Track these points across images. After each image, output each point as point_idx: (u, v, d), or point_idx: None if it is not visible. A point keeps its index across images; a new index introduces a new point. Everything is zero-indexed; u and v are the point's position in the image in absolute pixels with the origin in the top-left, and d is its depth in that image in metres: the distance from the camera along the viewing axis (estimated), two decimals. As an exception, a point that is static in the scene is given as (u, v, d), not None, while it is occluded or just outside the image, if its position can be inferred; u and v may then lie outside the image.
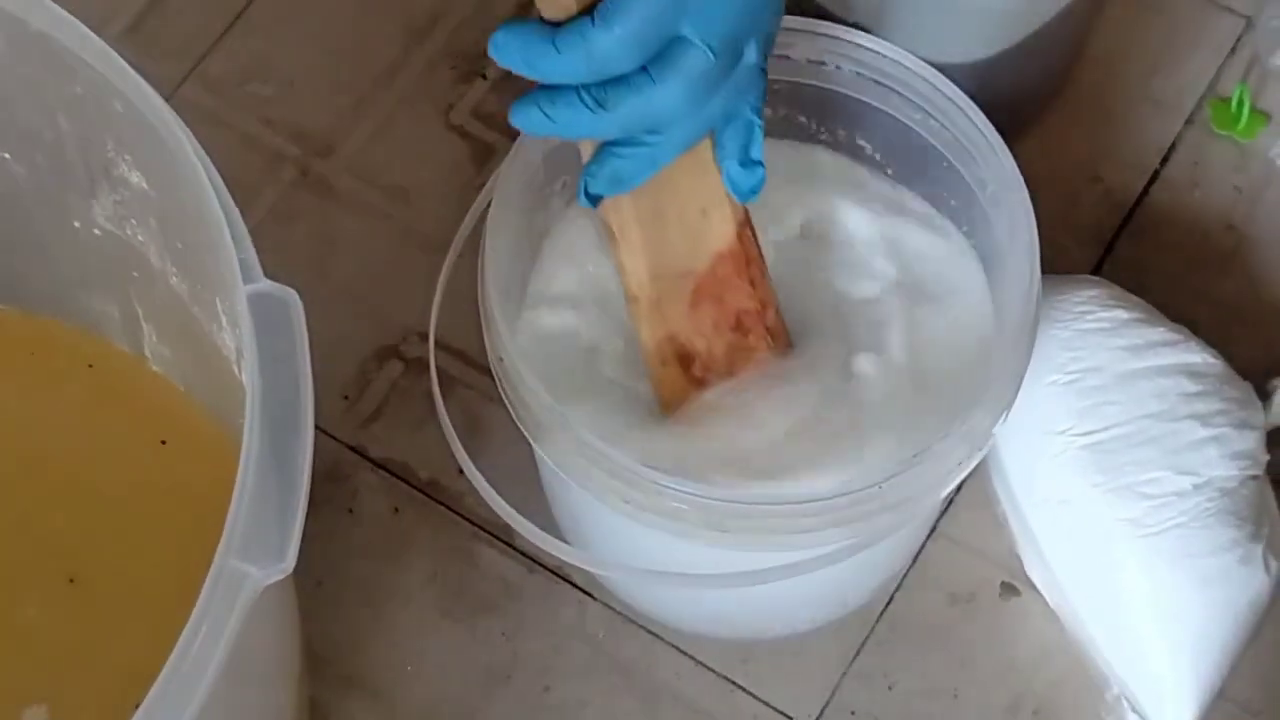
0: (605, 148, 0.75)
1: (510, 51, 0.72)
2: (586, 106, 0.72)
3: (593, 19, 0.70)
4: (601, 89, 0.72)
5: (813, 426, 0.82)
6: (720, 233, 0.80)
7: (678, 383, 0.83)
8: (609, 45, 0.70)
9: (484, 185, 0.87)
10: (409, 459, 0.98)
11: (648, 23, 0.70)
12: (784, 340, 0.84)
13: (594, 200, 0.76)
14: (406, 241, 1.03)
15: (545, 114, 0.73)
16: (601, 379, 0.84)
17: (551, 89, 0.72)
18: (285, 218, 1.03)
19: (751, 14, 0.74)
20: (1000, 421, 0.81)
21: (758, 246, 0.82)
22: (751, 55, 0.75)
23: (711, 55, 0.72)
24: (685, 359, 0.82)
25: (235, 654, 0.65)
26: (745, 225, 0.81)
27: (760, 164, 0.78)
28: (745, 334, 0.83)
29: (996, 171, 0.83)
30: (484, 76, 1.08)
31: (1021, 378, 0.81)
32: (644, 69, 0.71)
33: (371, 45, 1.09)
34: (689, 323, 0.82)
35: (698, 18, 0.71)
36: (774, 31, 0.76)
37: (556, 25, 0.71)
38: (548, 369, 0.82)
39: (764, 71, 0.76)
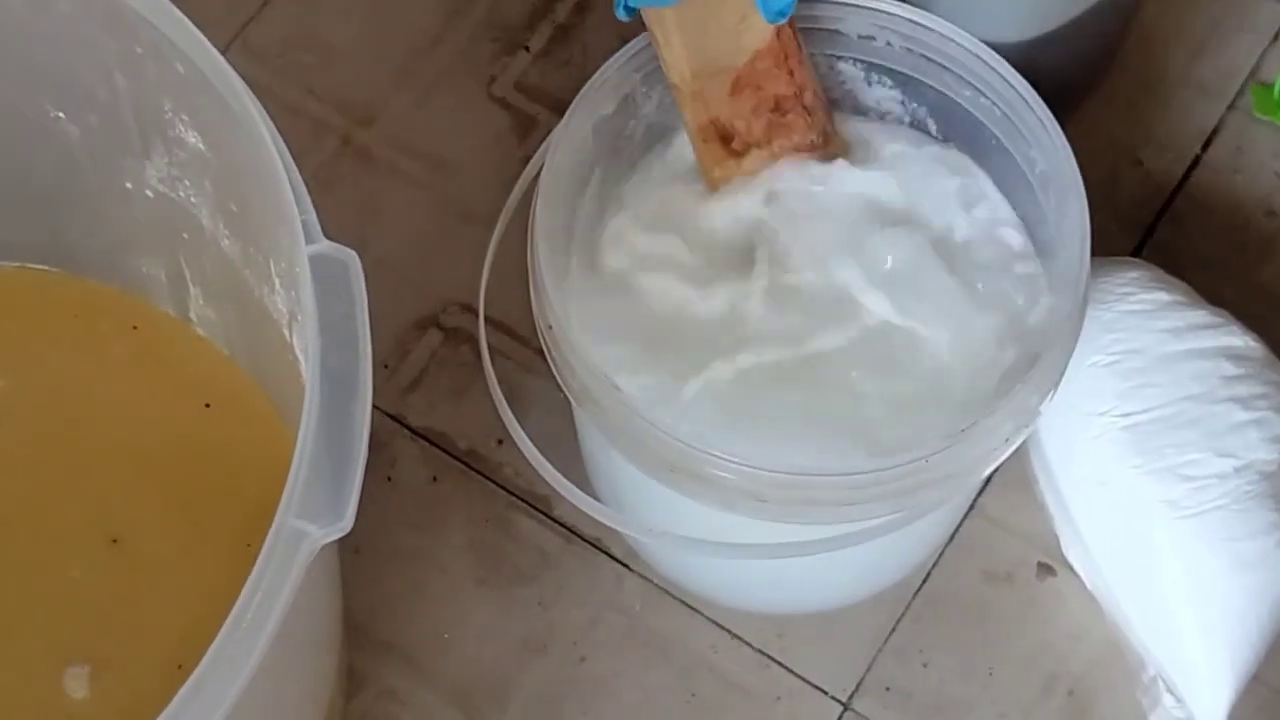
0: None
1: None
2: None
3: None
4: None
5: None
6: (759, 34, 0.84)
7: (719, 154, 0.86)
8: None
9: (526, 158, 0.87)
10: (448, 428, 0.98)
11: None
12: (821, 116, 0.87)
13: (630, 11, 0.78)
14: (447, 212, 1.03)
15: None
16: (650, 347, 0.84)
17: None
18: (326, 186, 1.03)
19: None
20: (1048, 400, 0.81)
21: (797, 39, 0.85)
22: None
23: None
24: (725, 136, 0.86)
25: (288, 613, 0.65)
26: (784, 25, 0.84)
27: None
28: (784, 114, 0.86)
29: (1048, 151, 0.83)
30: (526, 49, 1.08)
31: (1069, 356, 0.81)
32: None
33: (414, 16, 1.09)
34: (729, 108, 0.85)
35: None
36: None
37: None
38: (595, 337, 0.83)
39: None
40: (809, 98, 0.87)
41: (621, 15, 0.78)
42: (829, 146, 0.88)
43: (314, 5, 1.09)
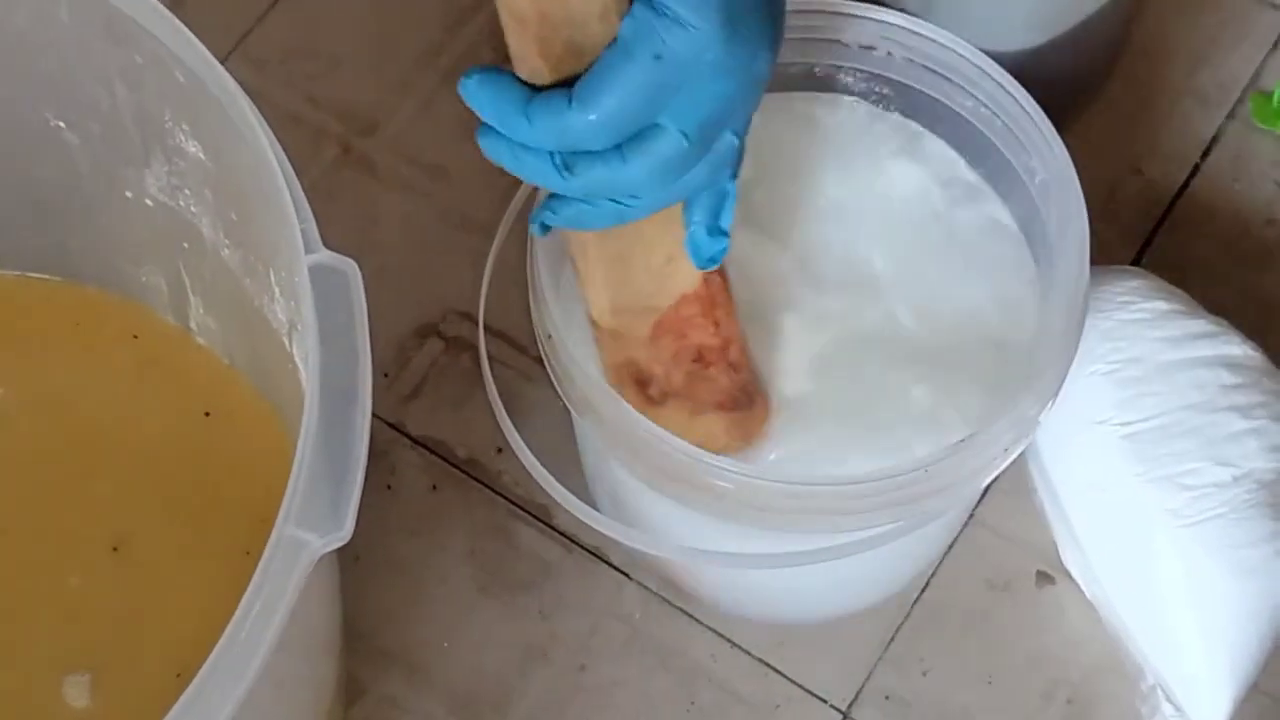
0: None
1: (481, 104, 0.70)
2: (555, 167, 0.70)
3: (570, 100, 0.69)
4: (572, 156, 0.70)
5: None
6: (685, 278, 0.79)
7: (635, 401, 0.81)
8: (582, 128, 0.69)
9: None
10: (448, 437, 0.98)
11: (625, 110, 0.69)
12: (748, 372, 0.82)
13: (545, 229, 0.75)
14: (447, 221, 1.04)
15: (515, 156, 0.71)
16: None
17: None
18: (327, 195, 1.04)
19: (730, 105, 0.71)
20: (1047, 409, 0.81)
21: (726, 289, 0.81)
22: (730, 137, 0.73)
23: (686, 142, 0.70)
24: (641, 381, 0.81)
25: (288, 623, 0.65)
26: (714, 271, 0.79)
27: (726, 234, 0.76)
28: (706, 365, 0.81)
29: (1048, 160, 0.83)
30: (526, 58, 1.08)
31: (1069, 366, 0.81)
32: (618, 147, 0.70)
33: (415, 25, 1.09)
34: (646, 351, 0.81)
35: (676, 109, 0.69)
36: (754, 110, 0.74)
37: (532, 88, 0.70)
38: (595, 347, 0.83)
39: (742, 146, 0.74)
40: (734, 353, 0.81)
41: (538, 232, 0.75)
42: (754, 408, 0.83)
43: (315, 14, 1.09)
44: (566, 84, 0.69)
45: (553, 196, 0.74)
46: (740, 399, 0.82)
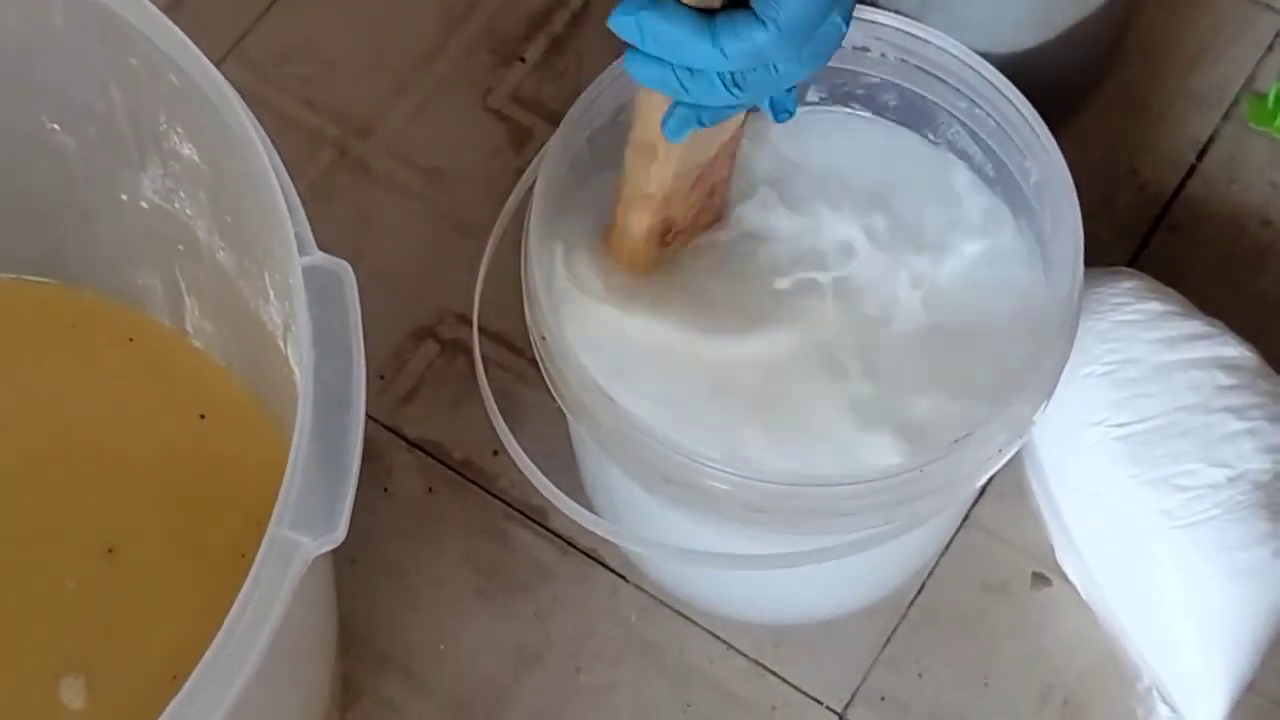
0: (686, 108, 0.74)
1: (659, 40, 0.70)
2: (724, 86, 0.71)
3: (762, 21, 0.69)
4: (745, 73, 0.71)
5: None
6: (732, 125, 0.81)
7: (650, 252, 0.84)
8: (776, 45, 0.70)
9: (521, 168, 0.87)
10: (444, 439, 0.98)
11: (812, 15, 0.70)
12: (726, 186, 0.85)
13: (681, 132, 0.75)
14: (443, 223, 1.04)
15: (681, 84, 0.71)
16: (641, 357, 0.85)
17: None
18: (323, 198, 1.04)
19: None
20: (1041, 410, 0.81)
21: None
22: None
23: (845, 28, 0.72)
24: (665, 233, 0.84)
25: (282, 624, 0.66)
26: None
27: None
28: (712, 195, 0.84)
29: (1042, 162, 0.84)
30: (522, 60, 1.08)
31: (1063, 367, 0.81)
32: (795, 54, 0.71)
33: (411, 28, 1.09)
34: (685, 203, 0.83)
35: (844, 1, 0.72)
36: None
37: (705, 12, 0.70)
38: (588, 348, 0.83)
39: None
40: (730, 174, 0.85)
41: (675, 138, 0.75)
42: (723, 217, 0.87)
43: (311, 17, 1.09)
44: (732, 4, 0.70)
45: (669, 115, 0.74)
46: (722, 211, 0.85)
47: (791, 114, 0.78)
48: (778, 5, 0.69)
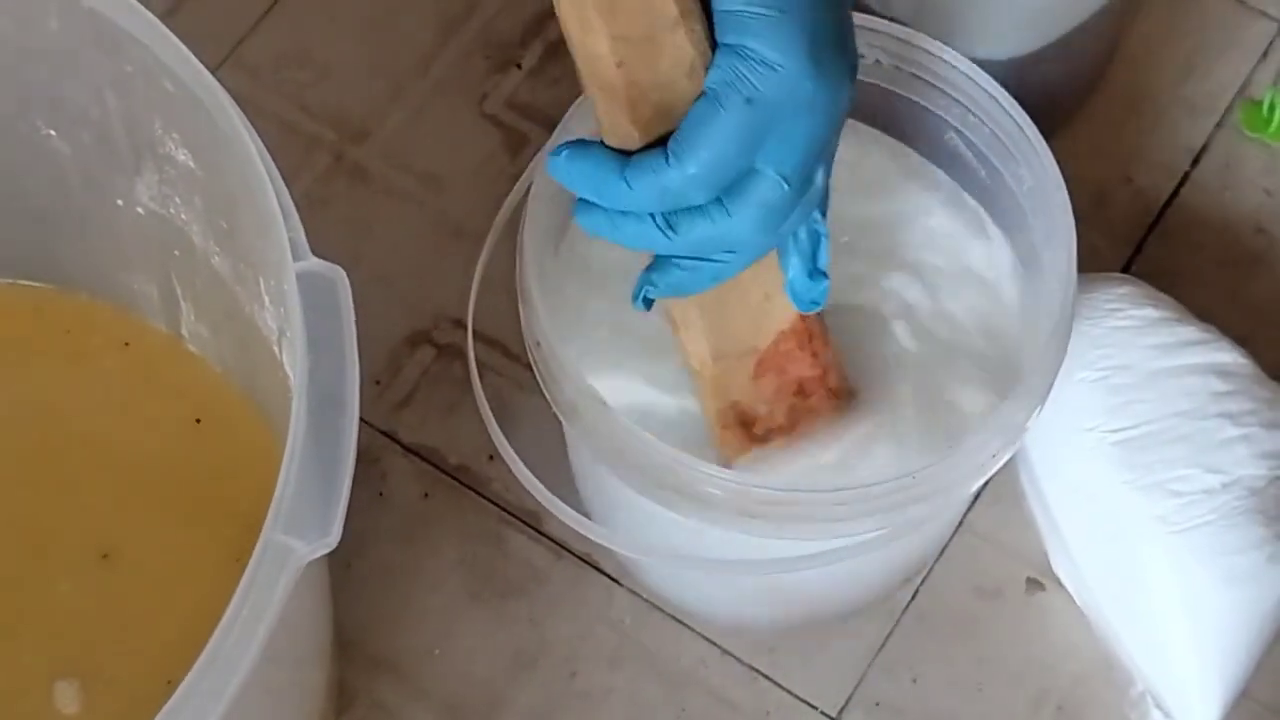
0: (667, 259, 0.74)
1: (576, 177, 0.71)
2: (657, 228, 0.71)
3: (666, 157, 0.69)
4: (673, 215, 0.71)
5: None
6: (783, 314, 0.80)
7: (740, 442, 0.82)
8: (683, 183, 0.69)
9: (517, 174, 0.87)
10: (439, 444, 0.98)
11: (723, 160, 0.69)
12: (847, 395, 0.84)
13: (649, 304, 0.76)
14: (439, 228, 1.04)
15: (613, 224, 0.72)
16: (638, 363, 0.85)
17: None
18: (319, 203, 1.04)
19: (822, 142, 0.71)
20: (1034, 416, 0.81)
21: (820, 320, 0.81)
22: (820, 178, 0.73)
23: (786, 185, 0.71)
24: (747, 423, 0.82)
25: (276, 629, 0.66)
26: None
27: (826, 275, 0.77)
28: (807, 397, 0.82)
29: (1036, 169, 0.84)
30: (518, 66, 1.08)
31: (1056, 373, 0.81)
32: (718, 199, 0.70)
33: (407, 33, 1.09)
34: (751, 393, 0.81)
35: (772, 152, 0.70)
36: (837, 147, 0.75)
37: (623, 153, 0.70)
38: (584, 353, 0.83)
39: (828, 184, 0.74)
40: (834, 378, 0.83)
41: (641, 307, 0.75)
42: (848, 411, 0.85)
43: (307, 22, 1.09)
44: (658, 144, 0.70)
45: (650, 269, 0.74)
46: (839, 410, 0.84)
47: (817, 304, 0.78)
48: (681, 141, 0.69)
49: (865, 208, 0.87)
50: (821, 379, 0.82)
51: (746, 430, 0.82)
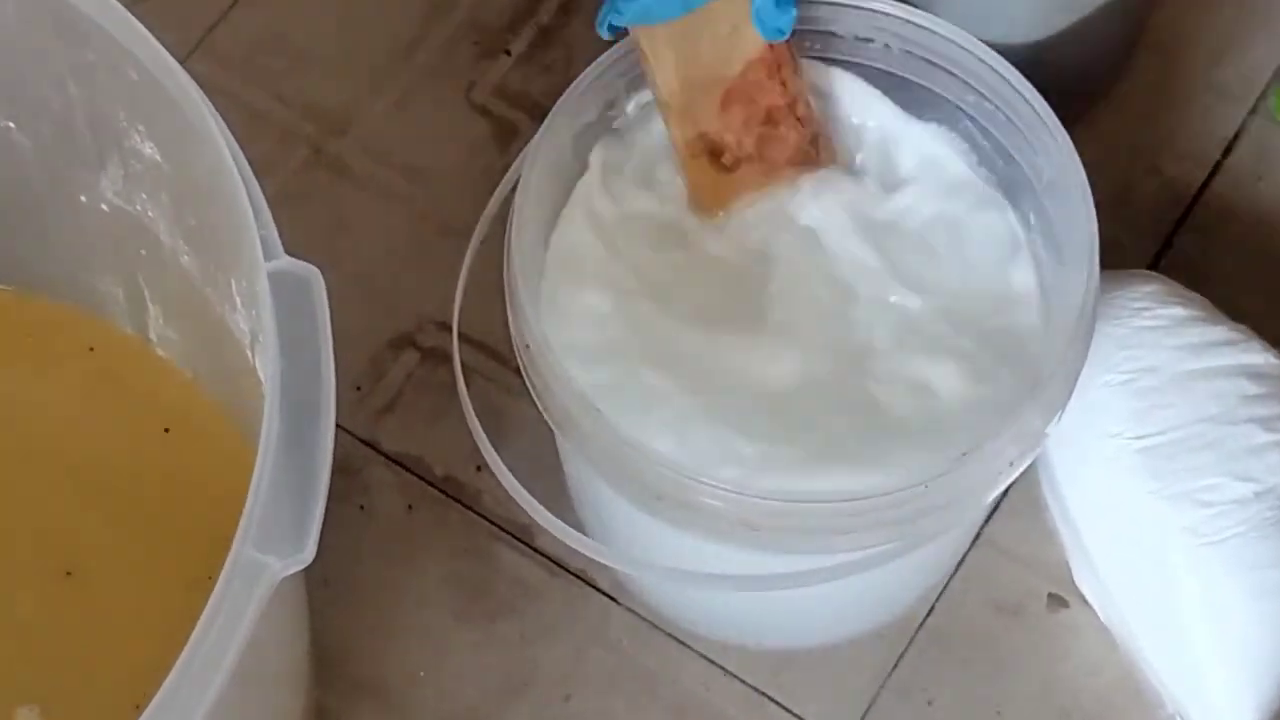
0: None
1: None
2: None
3: None
4: None
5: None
6: (751, 44, 0.85)
7: (709, 173, 0.87)
8: None
9: (507, 167, 0.87)
10: (424, 454, 0.99)
11: None
12: (814, 126, 0.88)
13: (614, 30, 0.80)
14: (424, 225, 1.04)
15: None
16: (634, 365, 0.85)
17: None
18: (296, 199, 1.04)
19: None
20: (1054, 422, 0.81)
21: (789, 48, 0.86)
22: None
23: None
24: (715, 152, 0.87)
25: (248, 650, 0.66)
26: None
27: (792, 3, 0.82)
28: (776, 125, 0.87)
29: (1055, 159, 0.84)
30: (508, 53, 1.09)
31: (1077, 376, 0.82)
32: None
33: (389, 18, 1.10)
34: (719, 121, 0.86)
35: None
36: None
37: None
38: (576, 357, 0.83)
39: None
40: (801, 108, 0.87)
41: (605, 34, 0.79)
42: (821, 155, 0.89)
43: (284, 7, 1.10)
44: None
45: None
46: (809, 152, 0.88)
47: (783, 33, 0.83)
48: None
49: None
50: (790, 107, 0.87)
51: (715, 160, 0.87)
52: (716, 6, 0.84)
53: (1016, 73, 0.85)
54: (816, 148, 0.88)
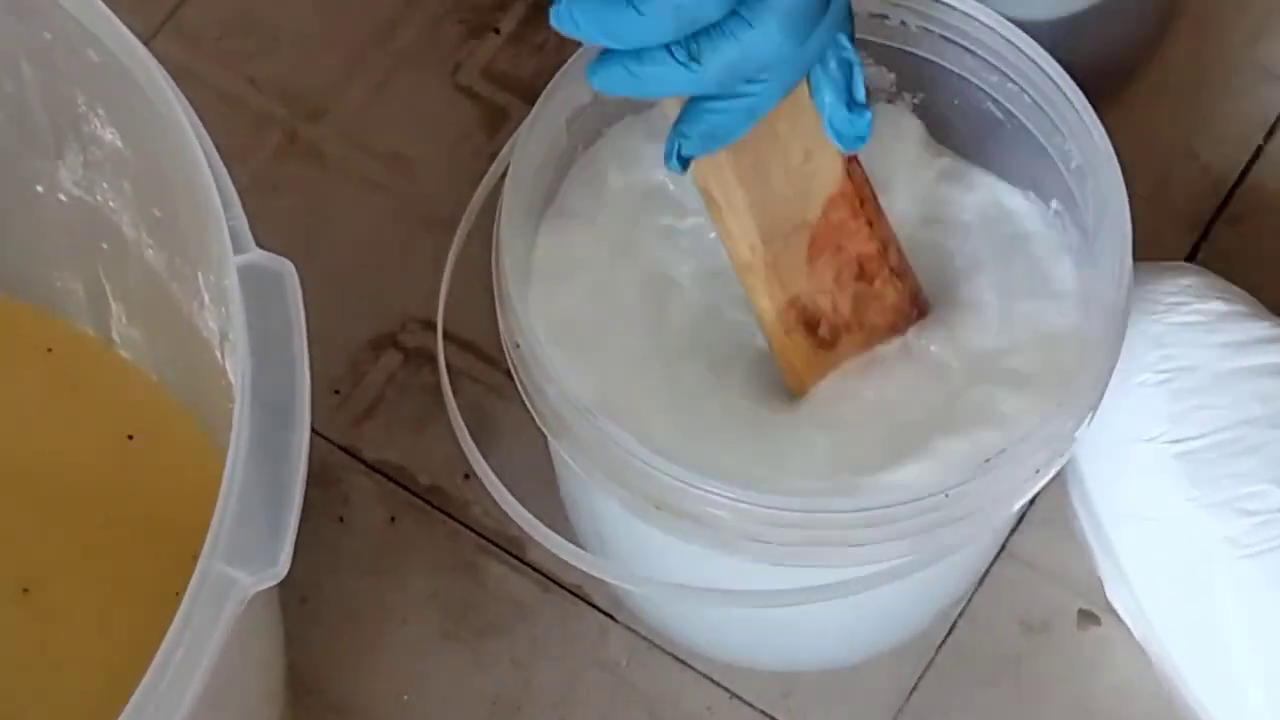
0: (697, 103, 0.76)
1: (582, 22, 0.72)
2: (679, 62, 0.73)
3: None
4: (693, 41, 0.73)
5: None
6: (828, 175, 0.82)
7: (805, 350, 0.84)
8: None
9: (495, 153, 0.87)
10: (407, 462, 0.98)
11: None
12: (911, 280, 0.85)
13: (685, 163, 0.77)
14: (407, 217, 1.04)
15: (631, 73, 0.74)
16: (629, 367, 0.85)
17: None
18: (270, 189, 1.04)
19: None
20: (1084, 425, 0.81)
21: (869, 183, 0.83)
22: None
23: None
24: (810, 323, 0.84)
25: (217, 672, 0.66)
26: (853, 160, 0.82)
27: (866, 106, 0.79)
28: (870, 281, 0.84)
29: (1084, 144, 0.84)
30: (496, 31, 1.09)
31: (1109, 376, 0.82)
32: (735, 12, 0.72)
33: (369, -4, 1.10)
34: (810, 281, 0.83)
35: None
36: None
37: None
38: (569, 356, 0.83)
39: (851, 4, 0.77)
40: (894, 256, 0.84)
41: (674, 167, 0.77)
42: (922, 316, 0.86)
43: (257, -16, 1.10)
44: None
45: (679, 121, 0.76)
46: (910, 313, 0.85)
47: (863, 140, 0.80)
48: None
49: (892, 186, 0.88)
50: (882, 255, 0.84)
51: (811, 333, 0.84)
52: (784, 130, 0.79)
53: (1043, 52, 0.85)
54: (916, 305, 0.86)
